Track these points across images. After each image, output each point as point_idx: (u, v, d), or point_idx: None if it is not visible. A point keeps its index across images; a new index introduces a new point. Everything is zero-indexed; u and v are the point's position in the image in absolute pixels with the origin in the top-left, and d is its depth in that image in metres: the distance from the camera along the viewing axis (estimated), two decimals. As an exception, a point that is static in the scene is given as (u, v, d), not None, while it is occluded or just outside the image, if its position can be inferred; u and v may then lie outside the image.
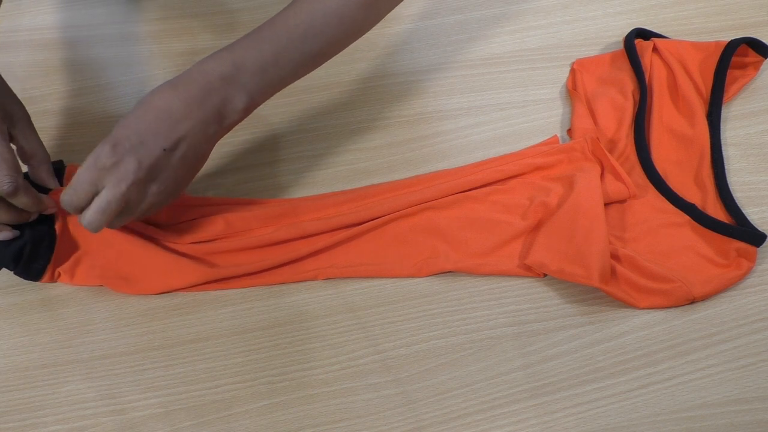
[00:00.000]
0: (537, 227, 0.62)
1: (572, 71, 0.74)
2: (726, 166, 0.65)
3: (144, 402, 0.54)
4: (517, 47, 0.77)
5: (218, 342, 0.57)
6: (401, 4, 0.69)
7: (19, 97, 0.58)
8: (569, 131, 0.69)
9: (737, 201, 0.63)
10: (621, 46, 0.76)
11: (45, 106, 0.73)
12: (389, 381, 0.55)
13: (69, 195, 0.52)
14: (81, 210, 0.53)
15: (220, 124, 0.55)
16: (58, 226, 0.59)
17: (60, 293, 0.59)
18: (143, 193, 0.53)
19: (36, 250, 0.58)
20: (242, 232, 0.62)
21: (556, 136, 0.69)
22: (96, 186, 0.51)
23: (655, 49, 0.73)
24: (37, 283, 0.61)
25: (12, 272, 0.58)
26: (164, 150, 0.52)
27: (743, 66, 0.72)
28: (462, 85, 0.74)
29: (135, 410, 0.54)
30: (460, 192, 0.64)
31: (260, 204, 0.64)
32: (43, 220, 0.58)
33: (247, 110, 0.56)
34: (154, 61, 0.78)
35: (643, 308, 0.57)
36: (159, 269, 0.59)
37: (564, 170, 0.65)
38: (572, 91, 0.72)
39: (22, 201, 0.53)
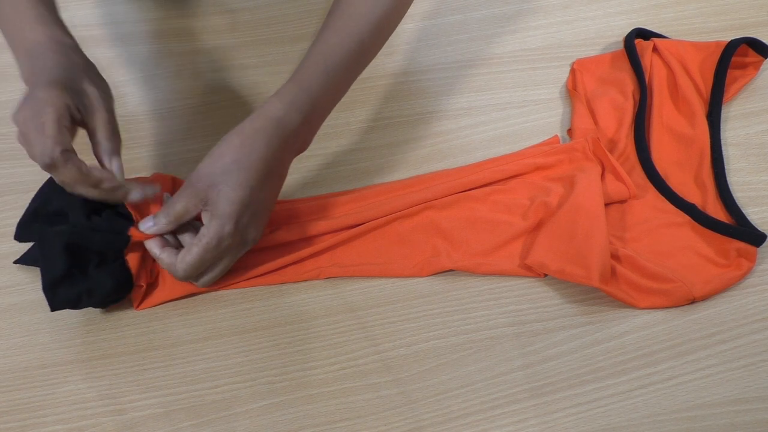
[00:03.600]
0: (537, 227, 0.62)
1: (572, 71, 0.74)
2: (726, 166, 0.65)
3: (144, 402, 0.54)
4: (517, 47, 0.77)
5: (218, 342, 0.57)
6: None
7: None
8: (569, 131, 0.69)
9: (737, 201, 0.63)
10: (621, 46, 0.76)
11: (45, 106, 0.73)
12: (389, 381, 0.55)
13: (188, 271, 0.54)
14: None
15: (297, 154, 0.59)
16: (132, 262, 0.57)
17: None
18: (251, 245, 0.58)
19: (116, 296, 0.58)
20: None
21: (556, 136, 0.69)
22: (218, 259, 0.55)
23: (655, 49, 0.73)
24: (37, 283, 0.61)
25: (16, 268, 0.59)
26: (269, 210, 0.58)
27: (743, 66, 0.72)
28: (462, 85, 0.74)
29: (135, 410, 0.54)
30: (461, 192, 0.64)
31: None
32: (118, 257, 0.57)
33: (314, 135, 0.60)
34: (154, 61, 0.78)
35: (643, 308, 0.57)
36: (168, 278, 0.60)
37: (565, 170, 0.65)
38: (572, 91, 0.72)
39: (66, 176, 0.51)
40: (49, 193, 0.59)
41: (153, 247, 0.55)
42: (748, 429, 0.52)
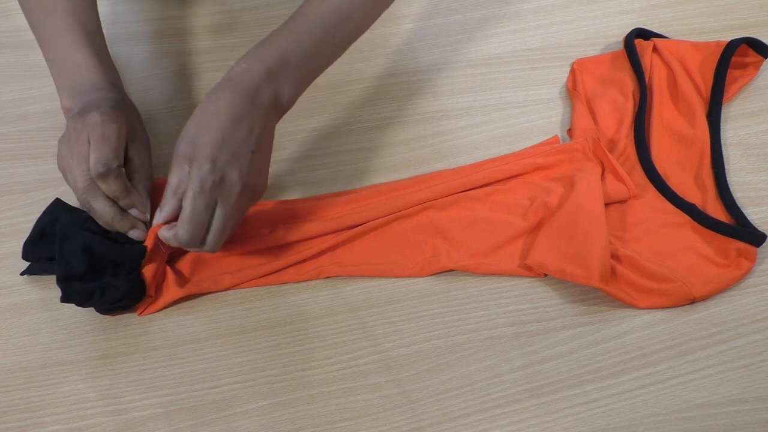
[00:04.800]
0: (537, 227, 0.62)
1: (572, 71, 0.74)
2: (726, 166, 0.65)
3: (144, 402, 0.54)
4: (517, 47, 0.77)
5: (218, 342, 0.57)
6: (402, 4, 0.69)
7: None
8: (569, 131, 0.69)
9: (737, 201, 0.63)
10: (621, 46, 0.76)
11: (45, 106, 0.73)
12: (389, 381, 0.55)
13: (188, 229, 0.53)
14: (201, 240, 0.54)
15: (278, 113, 0.58)
16: (147, 274, 0.57)
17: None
18: (248, 199, 0.56)
19: (126, 303, 0.58)
20: (242, 233, 0.62)
21: (556, 136, 0.69)
22: (211, 207, 0.53)
23: (655, 49, 0.73)
24: (37, 283, 0.61)
25: (20, 274, 0.60)
26: (252, 152, 0.54)
27: (743, 66, 0.72)
28: (462, 85, 0.74)
29: (135, 410, 0.54)
30: (461, 192, 0.64)
31: (260, 205, 0.64)
32: (135, 269, 0.57)
33: (294, 99, 0.58)
34: (154, 61, 0.78)
35: (643, 308, 0.57)
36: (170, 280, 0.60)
37: (565, 170, 0.65)
38: (572, 91, 0.72)
39: (111, 188, 0.54)
40: (58, 212, 0.59)
41: (163, 230, 0.55)
42: (748, 429, 0.52)
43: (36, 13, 0.61)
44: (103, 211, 0.55)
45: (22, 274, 0.60)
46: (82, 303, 0.56)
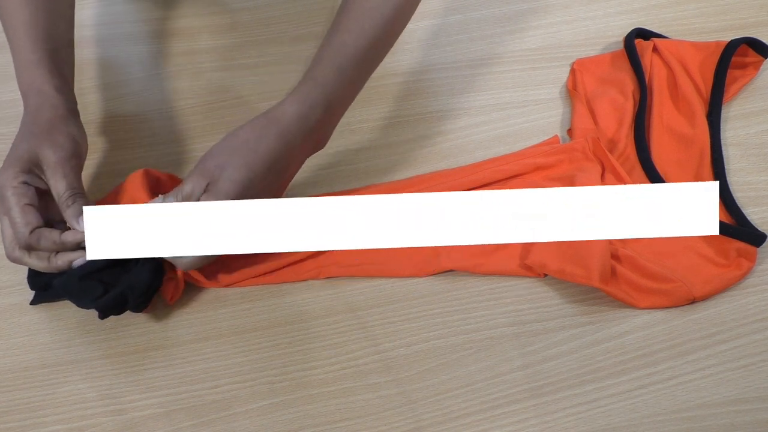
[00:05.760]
0: (537, 227, 0.62)
1: (572, 71, 0.74)
2: (726, 166, 0.65)
3: (144, 402, 0.54)
4: (517, 47, 0.77)
5: (218, 342, 0.57)
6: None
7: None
8: (569, 131, 0.69)
9: (737, 201, 0.63)
10: (621, 46, 0.76)
11: (45, 106, 0.73)
12: (389, 381, 0.55)
13: (194, 264, 0.54)
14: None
15: (313, 152, 0.60)
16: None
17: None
18: None
19: (155, 285, 0.57)
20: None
21: (556, 136, 0.69)
22: None
23: (655, 49, 0.73)
24: (37, 283, 0.61)
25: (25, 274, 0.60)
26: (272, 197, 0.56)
27: (743, 66, 0.72)
28: (462, 85, 0.74)
29: (135, 410, 0.54)
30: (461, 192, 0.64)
31: (260, 204, 0.64)
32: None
33: (330, 135, 0.60)
34: (154, 61, 0.78)
35: (643, 308, 0.57)
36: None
37: (565, 170, 0.65)
38: (572, 91, 0.72)
39: (44, 247, 0.53)
40: None
41: None
42: (748, 429, 0.52)
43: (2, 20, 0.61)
44: (36, 267, 0.55)
45: (32, 303, 0.60)
46: (120, 310, 0.56)
